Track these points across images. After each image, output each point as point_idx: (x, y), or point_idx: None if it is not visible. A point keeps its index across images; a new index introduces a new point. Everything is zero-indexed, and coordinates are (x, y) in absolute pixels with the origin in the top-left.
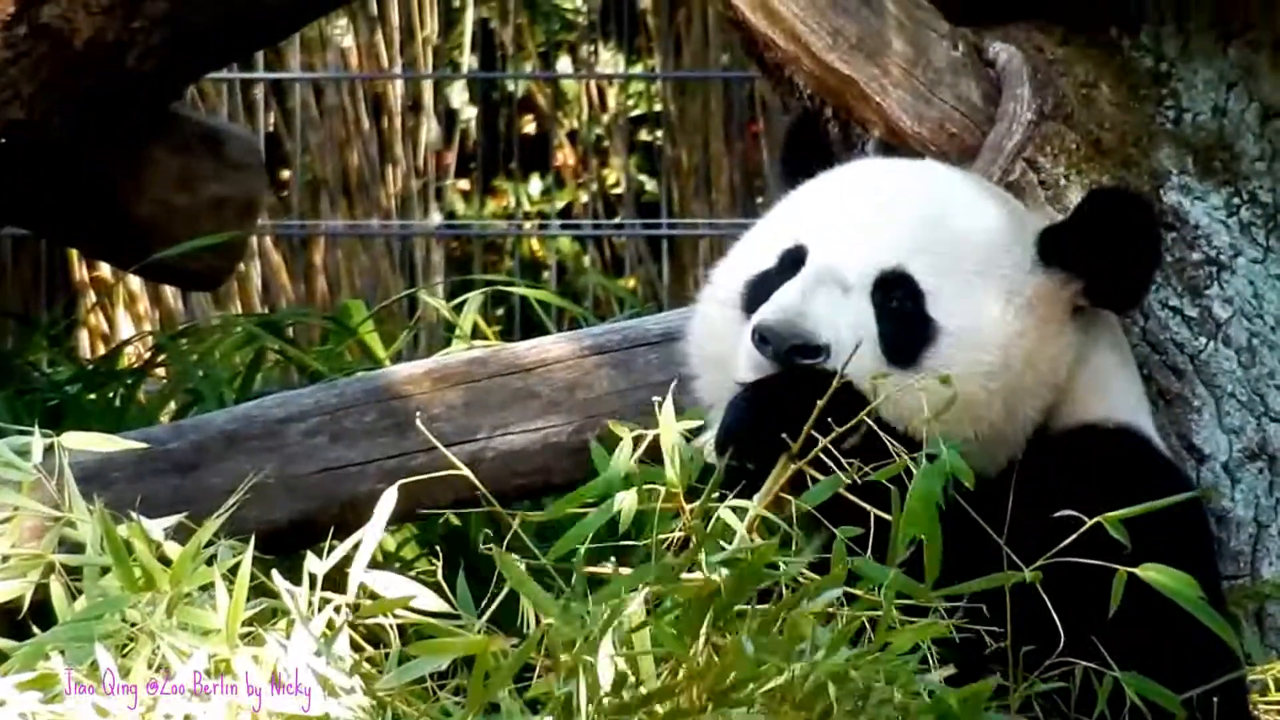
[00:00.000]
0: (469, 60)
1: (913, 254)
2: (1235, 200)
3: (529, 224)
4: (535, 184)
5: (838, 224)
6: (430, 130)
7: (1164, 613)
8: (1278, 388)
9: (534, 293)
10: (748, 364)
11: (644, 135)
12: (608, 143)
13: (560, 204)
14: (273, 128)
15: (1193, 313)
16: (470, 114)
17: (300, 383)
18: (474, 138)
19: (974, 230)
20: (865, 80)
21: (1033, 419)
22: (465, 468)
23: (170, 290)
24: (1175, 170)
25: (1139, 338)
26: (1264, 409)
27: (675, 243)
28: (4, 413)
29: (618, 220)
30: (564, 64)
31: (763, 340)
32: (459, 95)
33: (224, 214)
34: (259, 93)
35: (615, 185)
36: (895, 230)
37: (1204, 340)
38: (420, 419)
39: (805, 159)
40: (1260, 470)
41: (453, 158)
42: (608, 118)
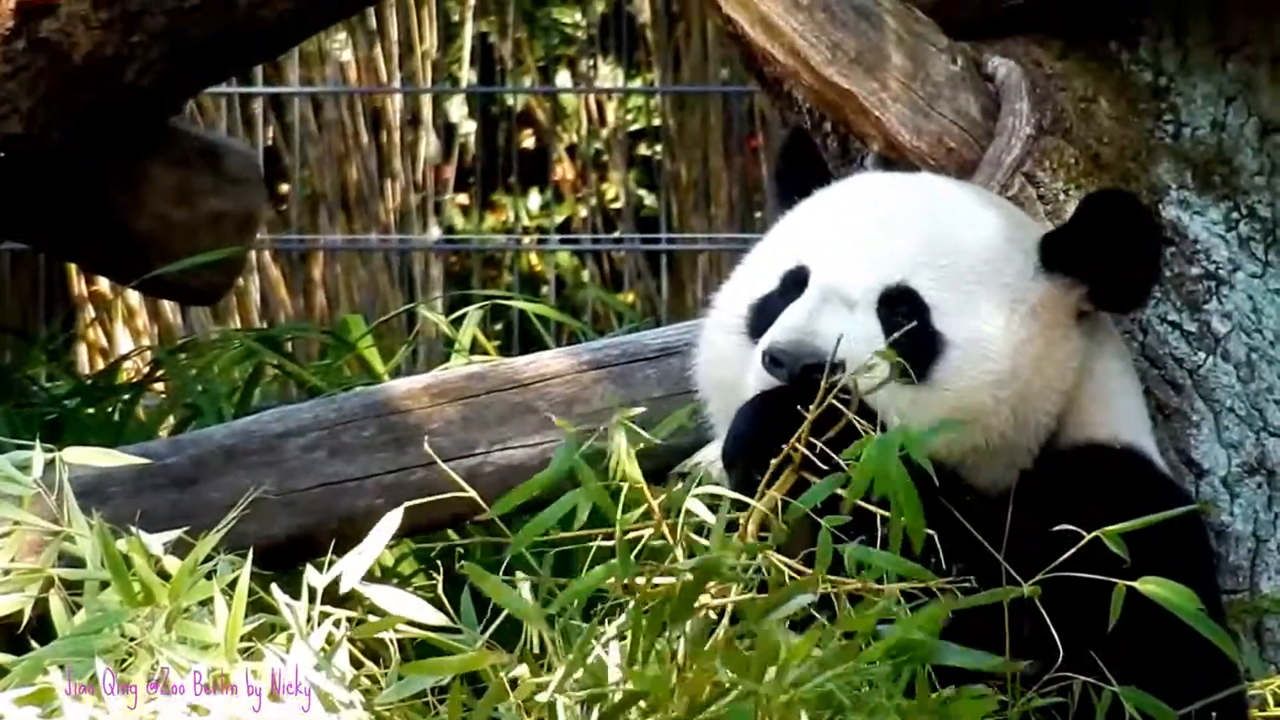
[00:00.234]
0: (468, 74)
1: (915, 268)
2: (1234, 215)
3: (528, 238)
4: (534, 198)
5: (838, 242)
6: (429, 144)
7: (1163, 627)
8: (1276, 402)
9: (533, 307)
10: (757, 387)
11: (643, 150)
12: (607, 157)
13: (559, 218)
14: (271, 142)
15: (1191, 327)
16: (469, 128)
17: (299, 398)
18: (473, 152)
19: (975, 241)
20: (864, 94)
21: (1045, 425)
22: (464, 483)
23: (169, 305)
24: (1174, 184)
25: (1138, 352)
26: (1263, 424)
27: (674, 257)
28: (3, 427)
29: (617, 235)
30: (563, 78)
31: (775, 363)
32: (458, 109)
33: (223, 228)
34: (258, 107)
35: (614, 200)
36: (896, 245)
37: (1203, 355)
38: (423, 437)
39: (800, 175)
40: (1259, 485)
41: (452, 172)
42: (607, 132)
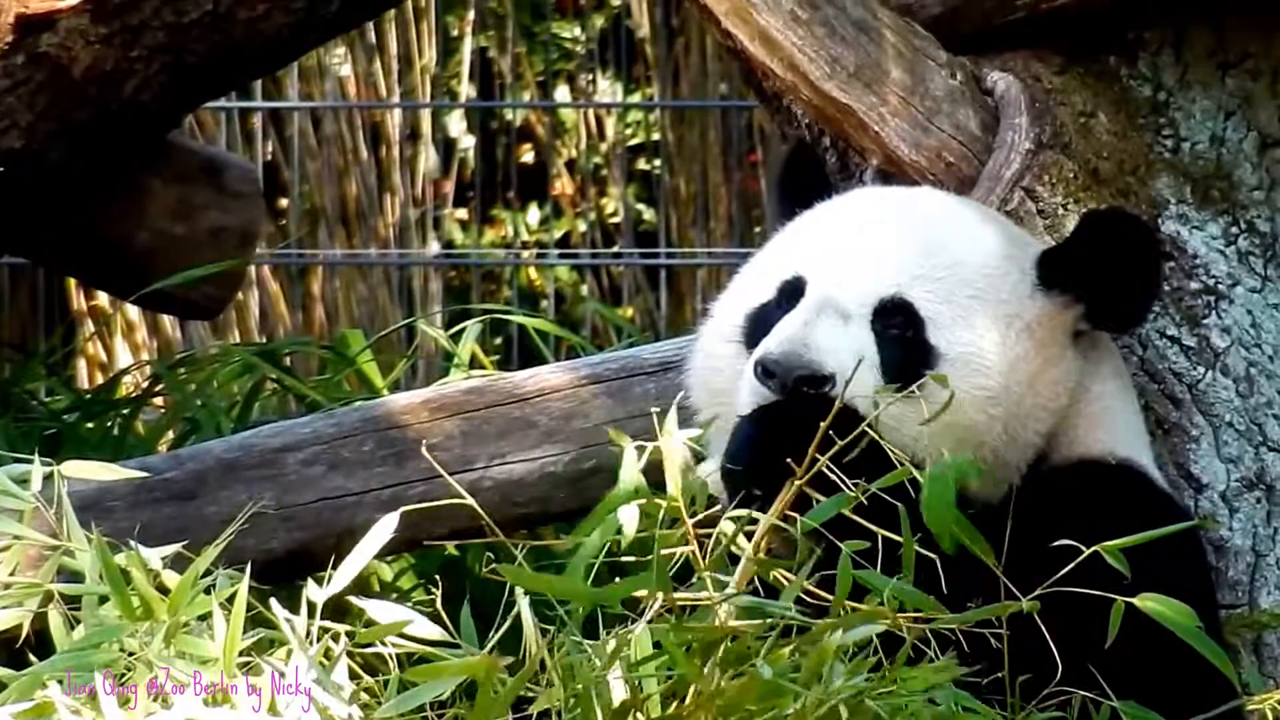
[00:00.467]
0: (467, 89)
1: (911, 281)
2: (1233, 229)
3: (527, 253)
4: (533, 213)
5: (835, 253)
6: (428, 159)
7: (1162, 642)
8: (1275, 417)
9: (532, 322)
10: (750, 397)
11: (642, 164)
12: (606, 172)
13: (558, 233)
14: (271, 157)
15: (1190, 342)
16: (468, 143)
17: (298, 412)
18: (472, 167)
19: (972, 255)
20: (863, 109)
21: (1034, 444)
22: (466, 495)
23: (168, 319)
24: (1173, 199)
25: (1137, 367)
26: (1262, 438)
27: (673, 272)
28: (2, 441)
29: (616, 249)
30: (562, 93)
31: (767, 373)
32: (457, 124)
33: (222, 243)
34: (257, 122)
35: (613, 214)
36: (893, 258)
37: (1202, 370)
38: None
39: (801, 188)
40: (1258, 500)
41: (451, 187)
42: (606, 147)
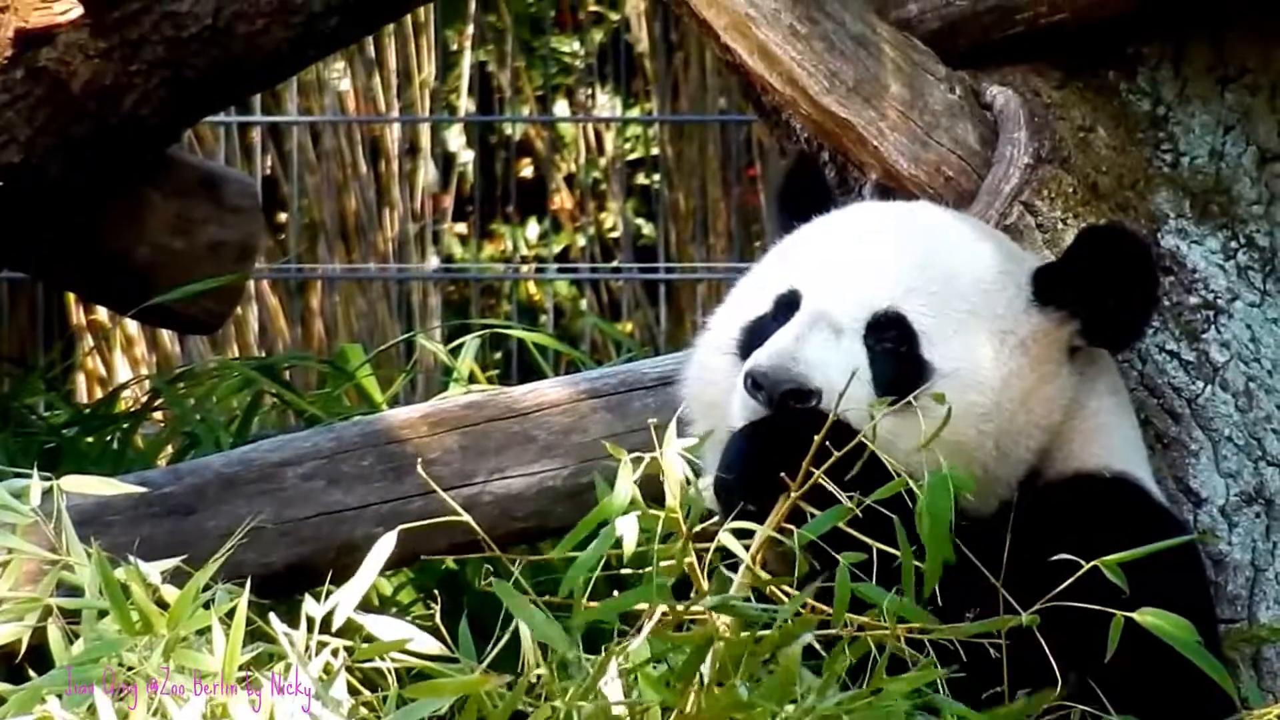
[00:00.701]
0: (466, 104)
1: (905, 295)
2: (1232, 244)
3: (526, 267)
4: (533, 227)
5: (830, 267)
6: (427, 173)
7: (1161, 657)
8: (1274, 431)
9: (531, 336)
10: (741, 410)
11: (641, 179)
12: (605, 186)
13: (557, 247)
14: (270, 171)
15: (1190, 356)
16: (467, 157)
17: (297, 427)
18: (471, 181)
19: (967, 270)
20: (862, 123)
21: (1026, 460)
22: (463, 511)
23: (167, 334)
24: (1172, 214)
25: (1136, 381)
26: (1261, 453)
27: (672, 286)
28: (2, 456)
29: (615, 264)
30: (561, 107)
31: (755, 385)
32: (456, 139)
33: (221, 257)
34: (256, 136)
35: (612, 229)
36: (887, 272)
37: (1201, 384)
38: (419, 464)
39: (802, 201)
40: (1257, 514)
41: (450, 201)
42: (605, 161)
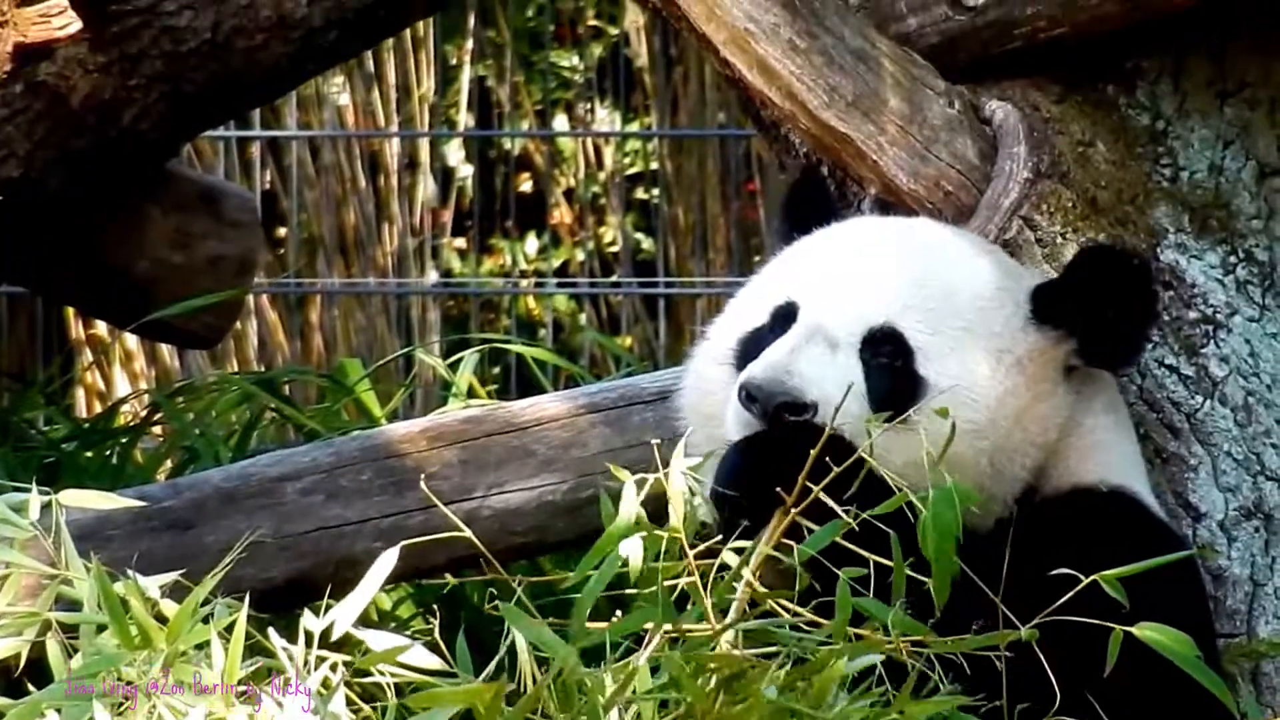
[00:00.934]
0: (465, 118)
1: (902, 311)
2: (1232, 259)
3: (525, 282)
4: (532, 242)
5: (828, 281)
6: (427, 188)
7: (1159, 671)
8: (1274, 446)
9: (530, 351)
10: (735, 422)
11: (640, 193)
12: (604, 201)
13: (557, 262)
14: (269, 185)
15: (1189, 371)
16: (467, 172)
17: (297, 441)
18: (470, 196)
19: (965, 287)
20: (861, 138)
21: (1021, 478)
22: (463, 525)
23: (167, 348)
24: (1172, 228)
25: (1135, 396)
26: (1260, 467)
27: (672, 301)
28: (1, 470)
29: (614, 278)
30: (560, 122)
31: (750, 398)
32: (455, 153)
33: (221, 272)
34: (255, 150)
35: (612, 243)
36: (884, 287)
37: (1200, 399)
38: (420, 479)
39: (806, 213)
40: (1256, 529)
41: (449, 216)
42: (604, 176)
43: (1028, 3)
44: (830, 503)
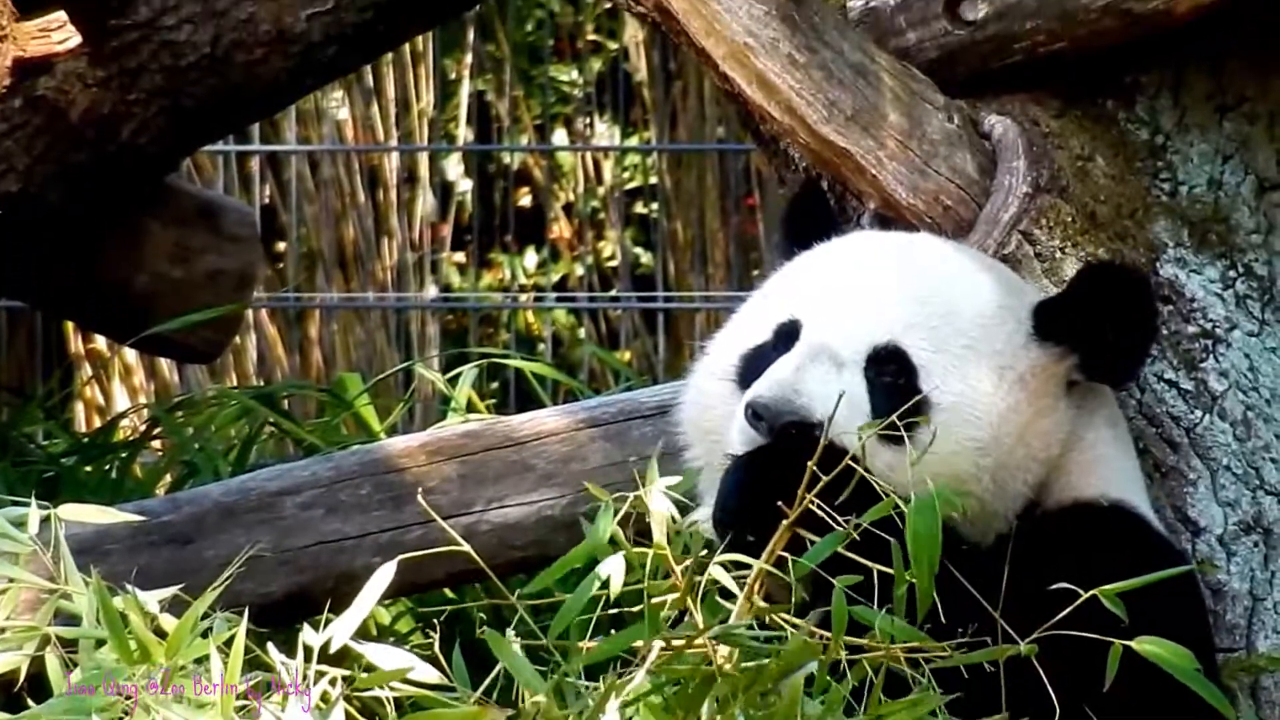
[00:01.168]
0: (465, 133)
1: (905, 330)
2: (1231, 273)
3: (524, 297)
4: (531, 256)
5: (831, 298)
6: (426, 203)
7: (1159, 686)
8: (1273, 460)
9: (529, 366)
10: (740, 439)
11: (640, 208)
12: (603, 215)
13: (556, 276)
14: (268, 200)
15: (1188, 386)
16: (466, 186)
17: (296, 455)
18: (470, 210)
19: (967, 305)
20: (861, 153)
21: (1023, 494)
22: (461, 540)
23: (166, 363)
24: (1171, 243)
25: (1135, 410)
26: (1259, 482)
27: (671, 315)
28: (0, 484)
29: (613, 293)
30: (560, 136)
31: (756, 416)
32: (454, 168)
33: (220, 286)
34: (255, 165)
35: (611, 258)
36: (888, 305)
37: (1199, 413)
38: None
39: (807, 228)
40: (1255, 543)
41: (448, 230)
42: (603, 190)
43: (1027, 17)
44: (829, 513)
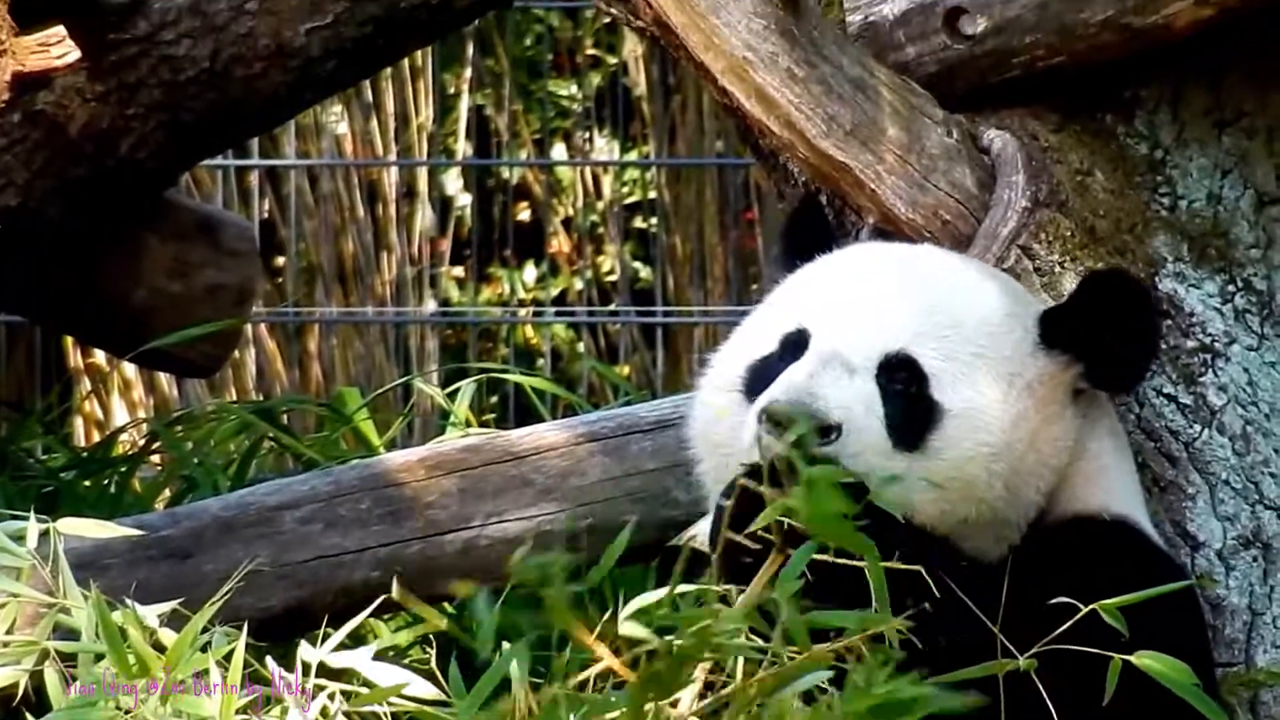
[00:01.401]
0: (464, 147)
1: (916, 337)
2: (1230, 287)
3: (524, 311)
4: (530, 271)
5: (840, 307)
6: (425, 217)
7: (1158, 700)
8: (1272, 475)
9: (528, 380)
10: (754, 445)
11: (639, 222)
12: (602, 229)
13: (555, 291)
14: (267, 214)
15: (1187, 400)
16: (465, 201)
17: (295, 470)
18: (469, 225)
19: (975, 313)
20: (860, 167)
21: (1035, 502)
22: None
23: (165, 377)
24: (1170, 257)
25: (1134, 425)
26: (1258, 496)
27: (670, 330)
28: None
29: (612, 307)
30: (559, 151)
31: (773, 422)
32: (454, 182)
33: (219, 301)
34: (254, 179)
35: (610, 272)
36: (899, 313)
37: (1198, 428)
38: (418, 510)
39: (806, 241)
40: (1254, 558)
41: (447, 245)
42: (602, 204)
43: (1026, 32)
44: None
